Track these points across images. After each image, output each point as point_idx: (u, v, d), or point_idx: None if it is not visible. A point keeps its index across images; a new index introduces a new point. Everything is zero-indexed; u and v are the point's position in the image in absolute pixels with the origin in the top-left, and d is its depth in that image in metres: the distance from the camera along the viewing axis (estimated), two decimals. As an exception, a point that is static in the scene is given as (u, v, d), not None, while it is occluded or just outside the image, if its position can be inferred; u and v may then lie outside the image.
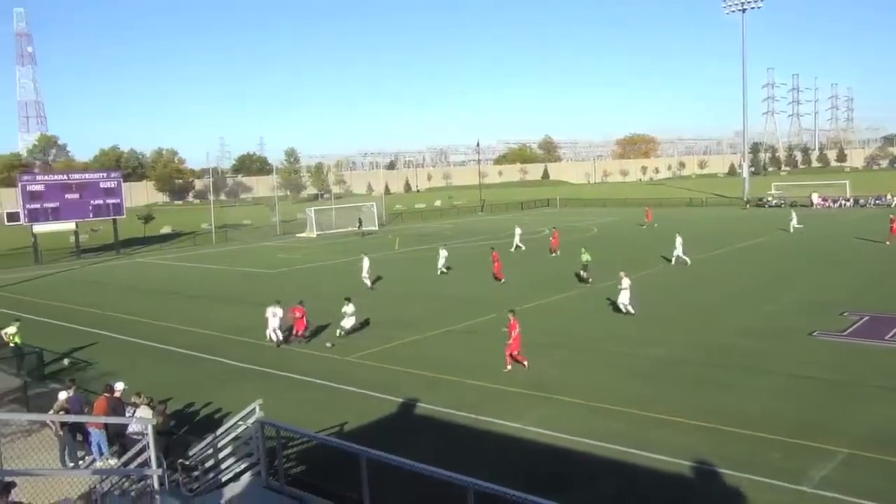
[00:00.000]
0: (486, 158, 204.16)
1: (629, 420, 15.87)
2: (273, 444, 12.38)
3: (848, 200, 78.14)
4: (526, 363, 19.98)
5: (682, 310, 27.14)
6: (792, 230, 51.73)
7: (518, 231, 49.15)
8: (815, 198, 78.12)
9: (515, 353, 19.99)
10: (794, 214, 54.08)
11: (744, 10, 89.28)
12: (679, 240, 37.43)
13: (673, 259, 37.40)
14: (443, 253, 38.99)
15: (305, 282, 38.62)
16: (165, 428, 14.28)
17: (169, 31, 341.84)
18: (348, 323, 25.04)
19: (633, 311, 25.82)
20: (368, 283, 35.16)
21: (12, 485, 8.49)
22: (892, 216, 42.94)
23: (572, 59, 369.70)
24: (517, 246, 47.47)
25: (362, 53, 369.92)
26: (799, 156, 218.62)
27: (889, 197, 75.71)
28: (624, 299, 26.04)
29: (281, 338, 24.45)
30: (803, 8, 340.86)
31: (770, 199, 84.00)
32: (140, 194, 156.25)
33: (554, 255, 43.92)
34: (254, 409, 12.55)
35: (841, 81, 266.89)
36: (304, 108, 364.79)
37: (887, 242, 41.34)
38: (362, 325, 26.24)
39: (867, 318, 24.32)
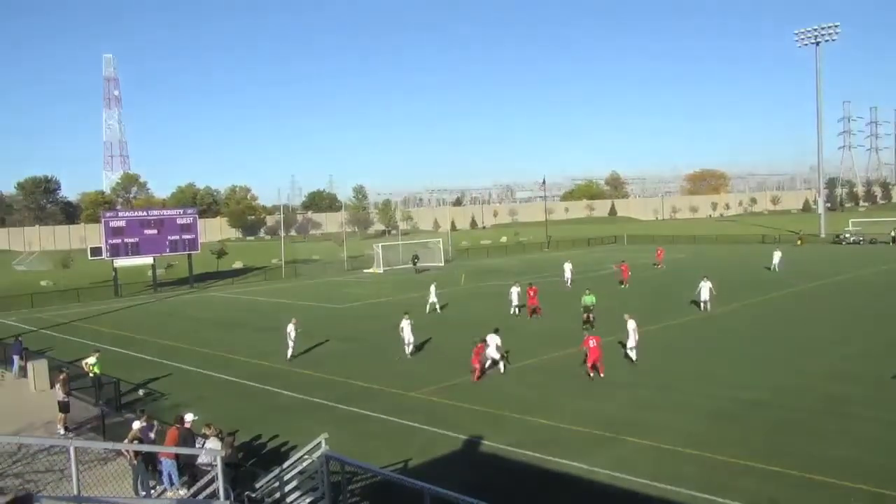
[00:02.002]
0: (552, 195, 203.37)
1: (701, 464, 15.35)
2: (338, 478, 12.43)
3: (931, 237, 74.66)
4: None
5: (757, 351, 26.26)
6: (773, 268, 51.06)
7: (568, 266, 49.15)
8: None
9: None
10: (776, 253, 53.28)
11: (817, 43, 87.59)
12: (707, 284, 34.83)
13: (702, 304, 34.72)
14: (514, 290, 37.47)
15: (369, 315, 38.94)
16: (233, 459, 14.50)
17: (242, 72, 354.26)
18: (408, 337, 27.21)
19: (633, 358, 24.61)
20: (437, 307, 38.95)
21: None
22: None
23: (640, 92, 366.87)
24: (570, 281, 47.47)
25: (429, 91, 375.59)
26: (878, 191, 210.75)
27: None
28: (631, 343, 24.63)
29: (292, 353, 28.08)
30: (879, 39, 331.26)
31: (847, 235, 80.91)
32: (214, 230, 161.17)
33: (623, 286, 45.17)
34: (319, 442, 12.64)
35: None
36: (373, 145, 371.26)
37: None
38: (427, 356, 26.23)
39: (956, 361, 23.05)
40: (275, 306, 46.55)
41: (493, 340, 24.41)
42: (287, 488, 13.12)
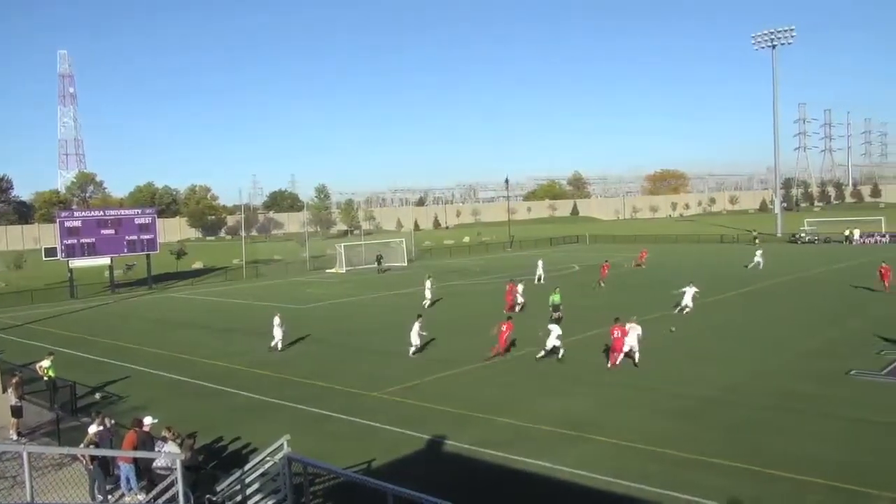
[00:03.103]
0: (515, 195, 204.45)
1: (664, 461, 15.50)
2: (300, 480, 12.29)
3: (884, 236, 76.84)
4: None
5: (717, 349, 26.67)
6: (750, 267, 51.86)
7: (541, 263, 50.62)
8: (857, 234, 76.81)
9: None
10: (758, 252, 54.21)
11: (773, 46, 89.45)
12: (692, 290, 34.44)
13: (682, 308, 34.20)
14: (519, 288, 37.89)
15: (332, 316, 38.69)
16: (193, 463, 14.24)
17: (203, 70, 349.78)
18: (416, 340, 27.04)
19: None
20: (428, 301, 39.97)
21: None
22: (883, 263, 38.62)
23: (601, 93, 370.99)
24: (542, 278, 48.74)
25: (392, 91, 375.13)
26: (832, 191, 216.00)
27: (927, 233, 74.31)
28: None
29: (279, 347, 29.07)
30: (834, 43, 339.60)
31: (803, 234, 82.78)
32: (173, 230, 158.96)
33: (601, 285, 45.41)
34: (282, 444, 12.51)
35: (874, 116, 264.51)
36: (335, 145, 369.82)
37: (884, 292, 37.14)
38: (390, 356, 26.14)
39: (907, 356, 23.70)
40: (235, 307, 45.99)
41: (555, 331, 25.04)
42: (249, 491, 12.95)
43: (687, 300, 34.03)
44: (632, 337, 24.07)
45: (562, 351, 25.00)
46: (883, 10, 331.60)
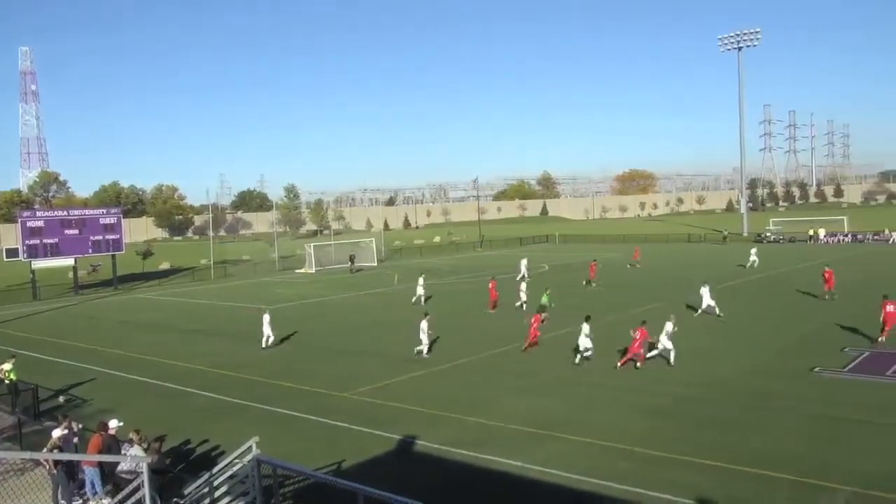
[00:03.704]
0: (484, 195, 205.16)
1: (635, 459, 15.61)
2: (269, 482, 12.17)
3: (846, 236, 78.38)
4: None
5: (690, 346, 26.90)
6: (747, 266, 52.29)
7: (524, 262, 50.85)
8: (822, 233, 78.31)
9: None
10: (753, 251, 54.66)
11: (739, 49, 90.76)
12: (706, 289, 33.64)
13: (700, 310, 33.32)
14: (522, 286, 38.20)
15: (302, 317, 38.42)
16: (160, 466, 14.04)
17: (170, 68, 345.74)
18: (425, 339, 26.47)
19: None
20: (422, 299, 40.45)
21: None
22: (826, 267, 37.34)
23: (571, 94, 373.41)
24: (523, 276, 48.57)
25: (361, 91, 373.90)
26: (797, 191, 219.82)
27: (887, 233, 75.91)
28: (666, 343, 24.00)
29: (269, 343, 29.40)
30: (799, 45, 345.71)
31: (768, 234, 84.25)
32: (140, 230, 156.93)
33: (591, 285, 45.25)
34: (250, 446, 12.37)
35: (837, 118, 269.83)
36: (305, 145, 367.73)
37: (826, 297, 35.94)
38: (361, 356, 26.02)
39: (867, 354, 24.16)
40: (203, 307, 45.47)
41: (584, 329, 24.24)
42: (217, 494, 12.79)
43: (707, 300, 32.95)
44: (663, 336, 23.94)
45: (589, 352, 24.38)
46: (844, 14, 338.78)
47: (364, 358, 27.29)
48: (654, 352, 24.00)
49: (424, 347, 26.59)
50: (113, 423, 15.15)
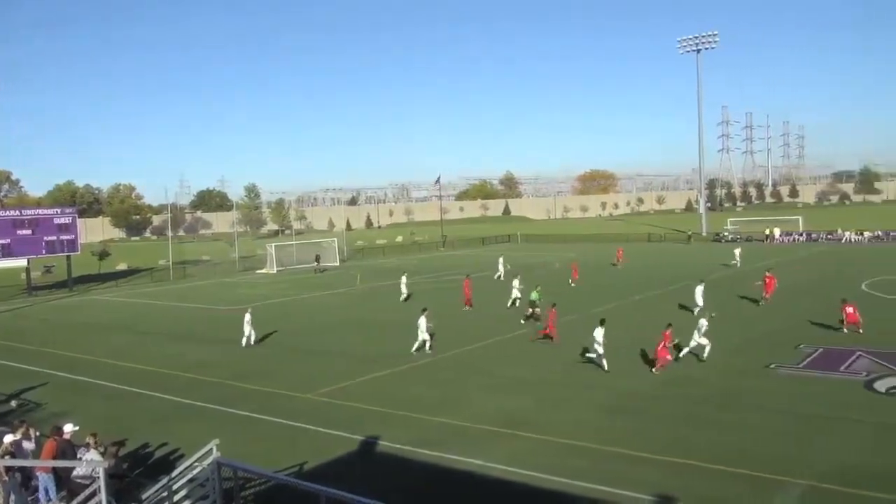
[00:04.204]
0: (447, 195, 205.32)
1: (596, 456, 15.74)
2: (230, 485, 12.01)
3: (801, 235, 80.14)
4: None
5: (646, 346, 27.23)
6: (734, 264, 52.94)
7: (501, 260, 51.71)
8: (777, 232, 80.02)
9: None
10: (736, 252, 55.18)
11: (698, 51, 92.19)
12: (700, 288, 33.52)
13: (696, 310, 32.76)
14: (515, 282, 37.96)
15: (263, 318, 37.97)
16: (117, 471, 13.75)
17: (126, 66, 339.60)
18: (424, 335, 26.49)
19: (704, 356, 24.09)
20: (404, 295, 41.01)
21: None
22: (766, 273, 36.75)
23: (533, 95, 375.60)
24: (503, 275, 49.47)
25: (323, 90, 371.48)
26: (753, 192, 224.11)
27: (840, 232, 77.81)
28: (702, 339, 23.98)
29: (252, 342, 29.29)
30: (756, 47, 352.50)
31: (726, 233, 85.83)
32: (96, 230, 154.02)
33: (574, 284, 45.36)
34: (210, 449, 12.19)
35: (792, 119, 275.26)
36: (265, 144, 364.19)
37: (762, 302, 35.54)
38: (322, 356, 25.84)
39: (821, 350, 24.74)
40: (162, 308, 44.74)
41: (599, 333, 23.42)
42: (176, 498, 12.57)
43: (699, 299, 33.00)
44: (696, 334, 23.97)
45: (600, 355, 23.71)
46: (799, 17, 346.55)
47: (326, 358, 27.13)
48: (686, 350, 24.04)
49: (427, 342, 26.67)
50: (68, 428, 14.79)
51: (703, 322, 24.44)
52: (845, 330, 27.02)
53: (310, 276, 60.48)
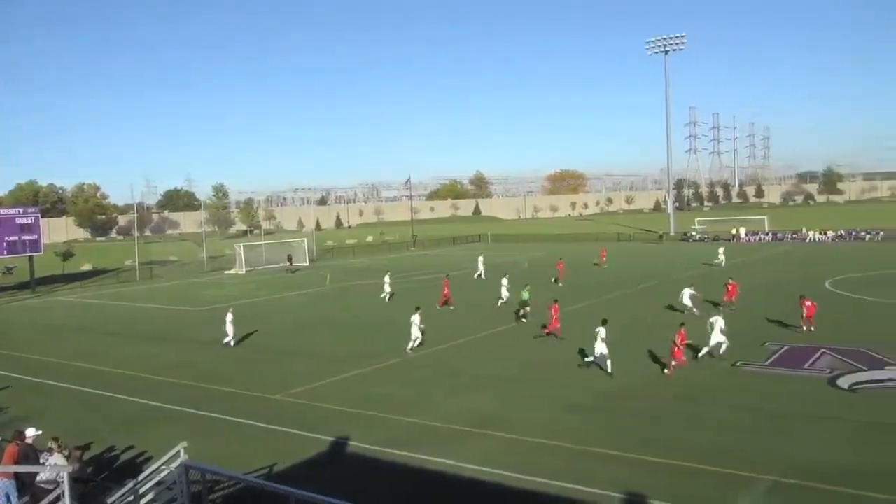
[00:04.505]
0: (417, 194, 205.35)
1: (566, 455, 15.81)
2: (198, 488, 11.86)
3: (767, 235, 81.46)
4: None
5: (626, 342, 27.36)
6: (717, 263, 53.16)
7: (481, 259, 52.25)
8: (743, 232, 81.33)
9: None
10: (720, 251, 55.39)
11: (666, 52, 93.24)
12: (688, 291, 33.66)
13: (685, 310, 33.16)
14: (503, 281, 38.15)
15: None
16: (82, 475, 13.51)
17: (89, 62, 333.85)
18: (417, 333, 26.60)
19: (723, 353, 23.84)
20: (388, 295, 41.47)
21: None
22: (730, 279, 35.80)
23: (503, 95, 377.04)
24: (483, 273, 50.26)
25: (292, 89, 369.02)
26: (720, 192, 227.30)
27: (805, 231, 79.25)
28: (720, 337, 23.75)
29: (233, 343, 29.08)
30: (723, 48, 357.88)
31: (694, 233, 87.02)
32: (59, 230, 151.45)
33: (560, 284, 45.21)
34: (178, 451, 12.03)
35: (758, 120, 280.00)
36: (234, 143, 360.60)
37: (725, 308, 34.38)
38: (293, 357, 25.65)
39: (786, 347, 25.16)
40: (128, 310, 44.07)
41: (600, 334, 22.76)
42: (143, 501, 12.39)
43: (686, 301, 33.17)
44: (716, 332, 23.80)
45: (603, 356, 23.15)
46: (767, 18, 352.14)
47: (296, 359, 26.95)
48: (705, 350, 23.84)
49: (418, 340, 26.69)
50: (30, 432, 14.48)
51: (720, 319, 24.25)
52: (804, 328, 27.32)
53: (279, 277, 60.05)
